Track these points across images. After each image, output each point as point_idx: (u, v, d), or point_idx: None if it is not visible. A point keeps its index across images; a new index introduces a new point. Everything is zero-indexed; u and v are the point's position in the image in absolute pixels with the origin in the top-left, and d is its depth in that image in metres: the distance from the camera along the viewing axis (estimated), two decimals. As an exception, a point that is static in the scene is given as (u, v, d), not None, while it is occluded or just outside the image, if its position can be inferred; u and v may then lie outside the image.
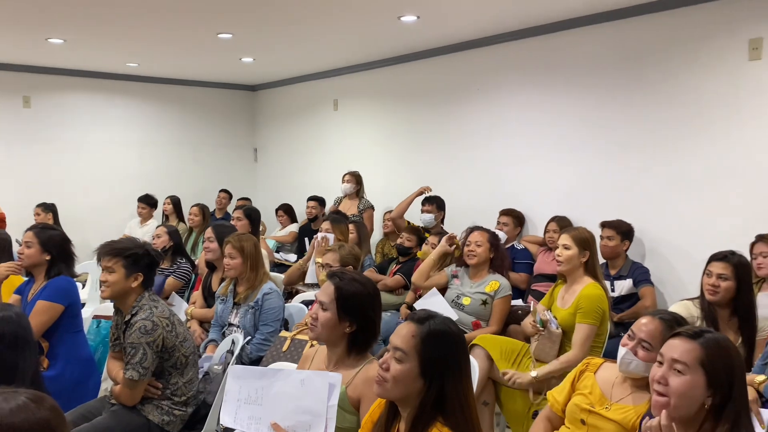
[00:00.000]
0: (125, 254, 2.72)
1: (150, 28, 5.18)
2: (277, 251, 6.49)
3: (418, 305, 3.71)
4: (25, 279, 3.54)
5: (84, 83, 7.31)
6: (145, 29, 5.21)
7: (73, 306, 3.26)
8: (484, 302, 3.60)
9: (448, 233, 4.92)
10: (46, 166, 7.11)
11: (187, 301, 4.41)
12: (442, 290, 3.81)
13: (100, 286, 2.75)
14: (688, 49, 4.27)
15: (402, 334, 1.66)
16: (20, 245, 3.35)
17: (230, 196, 7.77)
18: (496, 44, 5.49)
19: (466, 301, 3.63)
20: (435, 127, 6.16)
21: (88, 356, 3.33)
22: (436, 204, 5.41)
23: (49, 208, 6.42)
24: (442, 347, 1.63)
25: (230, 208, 7.71)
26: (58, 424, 1.24)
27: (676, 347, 1.65)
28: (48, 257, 3.26)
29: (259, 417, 2.00)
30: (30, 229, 3.39)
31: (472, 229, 3.73)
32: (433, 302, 3.60)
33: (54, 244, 3.30)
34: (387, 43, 5.78)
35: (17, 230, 4.49)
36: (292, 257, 6.27)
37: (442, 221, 5.47)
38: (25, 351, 1.95)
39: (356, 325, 2.08)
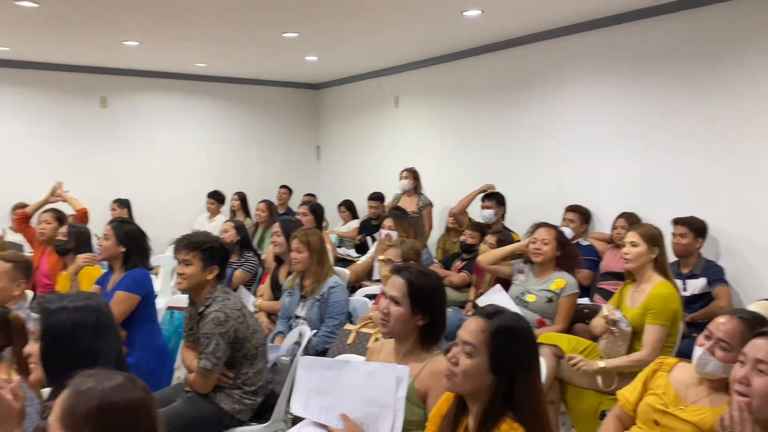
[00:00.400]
0: (202, 248, 2.81)
1: (218, 29, 5.34)
2: (339, 246, 6.58)
3: (481, 301, 3.69)
4: (105, 271, 3.73)
5: (156, 84, 7.62)
6: (214, 30, 5.38)
7: (149, 296, 3.41)
8: (550, 300, 3.54)
9: (509, 232, 4.90)
10: (122, 163, 7.45)
11: (254, 294, 4.54)
12: (505, 282, 3.79)
13: (177, 278, 2.86)
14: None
15: (471, 329, 1.66)
16: (98, 239, 3.53)
17: (290, 191, 7.94)
18: (560, 37, 5.37)
19: (530, 298, 3.58)
20: (497, 122, 6.09)
21: (163, 345, 3.48)
22: (496, 200, 5.36)
23: (124, 203, 6.74)
24: (512, 342, 1.62)
25: (291, 204, 7.90)
26: (151, 403, 1.32)
27: (761, 347, 1.59)
28: (123, 250, 3.41)
29: (328, 407, 2.03)
30: (109, 223, 3.57)
31: (537, 226, 3.67)
32: (497, 299, 3.57)
33: (129, 238, 3.45)
34: (449, 38, 5.76)
35: (96, 225, 4.74)
36: (354, 252, 6.34)
37: (502, 217, 5.41)
38: (107, 337, 2.02)
39: (428, 318, 2.10)
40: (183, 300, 3.73)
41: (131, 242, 3.42)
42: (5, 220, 6.36)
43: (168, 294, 5.22)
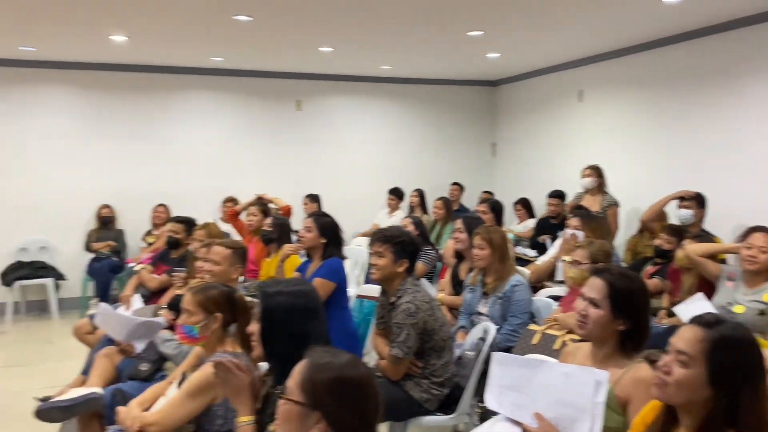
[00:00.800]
0: (394, 241, 2.97)
1: (405, 32, 5.53)
2: (515, 245, 6.50)
3: (680, 310, 3.45)
4: (303, 259, 4.07)
5: (345, 87, 8.11)
6: (401, 33, 5.58)
7: (343, 284, 3.67)
8: (762, 313, 3.19)
9: (712, 236, 4.48)
10: (312, 161, 8.03)
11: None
12: (709, 288, 3.49)
13: (371, 268, 3.05)
14: None
15: (687, 337, 1.57)
16: (296, 232, 3.86)
17: (462, 188, 8.00)
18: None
19: (738, 309, 3.25)
20: (695, 115, 5.59)
21: (354, 331, 3.71)
22: (696, 201, 4.92)
23: (315, 198, 7.28)
24: (736, 355, 1.51)
25: (463, 201, 7.96)
26: (375, 380, 1.45)
27: None
28: (324, 241, 3.72)
29: (521, 404, 2.03)
30: (310, 216, 3.89)
31: (753, 230, 3.32)
32: (698, 308, 3.30)
33: (328, 229, 3.75)
34: (644, 26, 5.40)
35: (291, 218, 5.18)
36: (531, 252, 6.22)
37: (700, 221, 4.96)
38: (316, 321, 2.19)
39: (629, 323, 2.02)
40: (372, 289, 3.95)
41: (330, 233, 3.71)
42: (217, 211, 7.18)
43: (353, 283, 5.54)
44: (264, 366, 2.43)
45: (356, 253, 5.80)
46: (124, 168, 7.26)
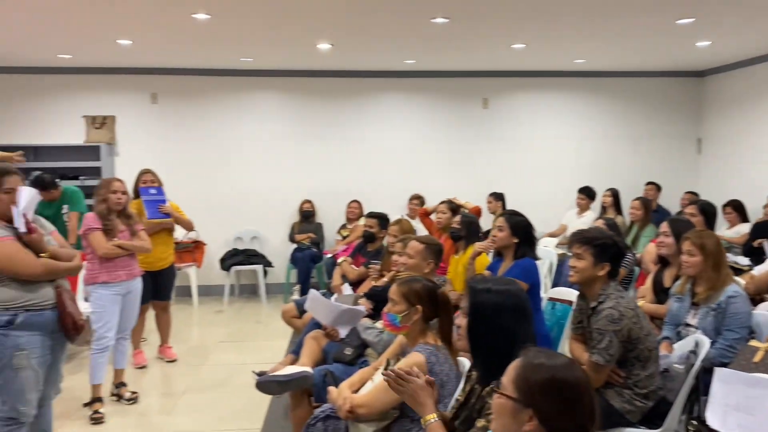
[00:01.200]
0: (594, 243, 2.86)
1: (604, 22, 5.26)
2: (726, 251, 5.89)
3: None
4: (493, 259, 4.08)
5: (533, 83, 7.93)
6: (600, 24, 5.32)
7: (535, 286, 3.62)
8: None
9: None
10: (498, 159, 7.98)
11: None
12: None
13: (570, 270, 2.97)
14: None
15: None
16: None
17: (658, 188, 7.42)
18: None
19: None
20: None
21: (546, 334, 3.64)
22: None
23: (499, 197, 7.23)
24: None
25: (661, 201, 7.36)
26: (590, 384, 1.44)
27: None
28: (516, 240, 3.69)
29: (750, 427, 1.87)
30: (501, 215, 3.89)
31: None
32: None
33: (521, 228, 3.72)
34: None
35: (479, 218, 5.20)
36: (743, 260, 5.60)
37: None
38: (523, 321, 2.16)
39: None
40: (564, 292, 3.85)
41: (522, 233, 3.67)
42: (404, 208, 7.46)
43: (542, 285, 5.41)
44: (463, 361, 2.50)
45: (543, 254, 5.66)
46: (324, 166, 7.83)
